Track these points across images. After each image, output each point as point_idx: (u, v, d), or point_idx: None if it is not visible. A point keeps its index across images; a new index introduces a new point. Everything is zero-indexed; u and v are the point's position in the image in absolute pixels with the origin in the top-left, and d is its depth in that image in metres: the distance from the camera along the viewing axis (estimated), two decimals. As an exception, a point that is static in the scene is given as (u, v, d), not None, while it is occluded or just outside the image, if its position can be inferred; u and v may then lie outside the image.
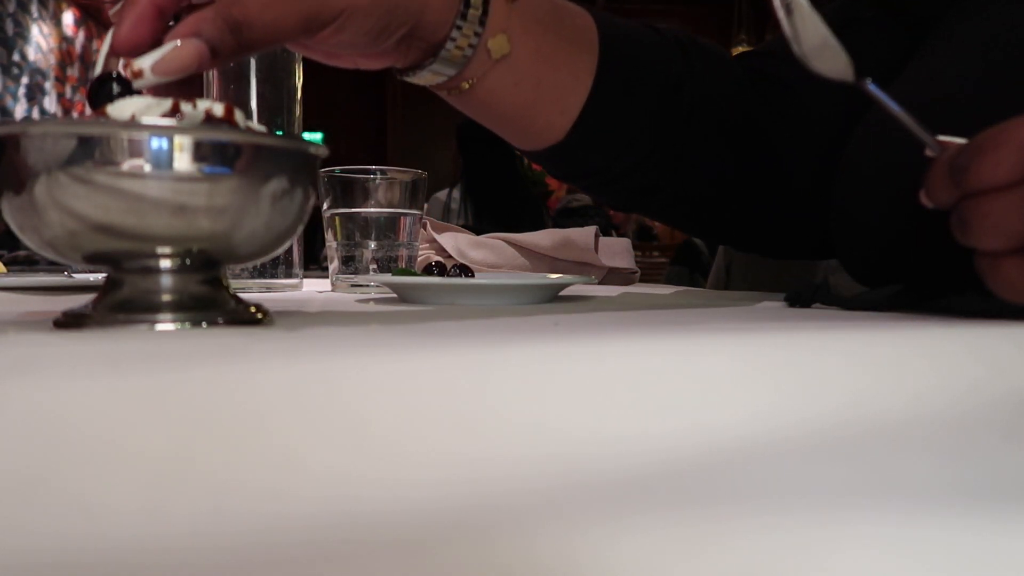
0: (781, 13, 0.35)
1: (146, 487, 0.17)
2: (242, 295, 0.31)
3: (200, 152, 0.26)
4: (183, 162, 0.26)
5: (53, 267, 0.87)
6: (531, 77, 0.46)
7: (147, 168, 0.25)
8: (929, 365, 0.25)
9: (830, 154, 0.52)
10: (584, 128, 0.49)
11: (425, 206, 0.67)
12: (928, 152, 0.33)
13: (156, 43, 0.32)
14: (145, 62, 0.30)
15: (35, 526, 0.16)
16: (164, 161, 0.25)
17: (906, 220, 0.42)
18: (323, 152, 0.30)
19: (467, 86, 0.45)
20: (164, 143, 0.25)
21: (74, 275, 0.63)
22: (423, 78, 0.45)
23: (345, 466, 0.19)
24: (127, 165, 0.25)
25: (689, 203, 0.57)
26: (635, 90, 0.50)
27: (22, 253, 1.19)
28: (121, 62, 0.31)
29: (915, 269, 0.42)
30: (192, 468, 0.18)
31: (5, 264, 0.91)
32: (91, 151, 0.25)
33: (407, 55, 0.44)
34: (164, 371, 0.19)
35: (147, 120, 0.26)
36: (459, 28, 0.42)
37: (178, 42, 0.31)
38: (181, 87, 0.32)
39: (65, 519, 0.16)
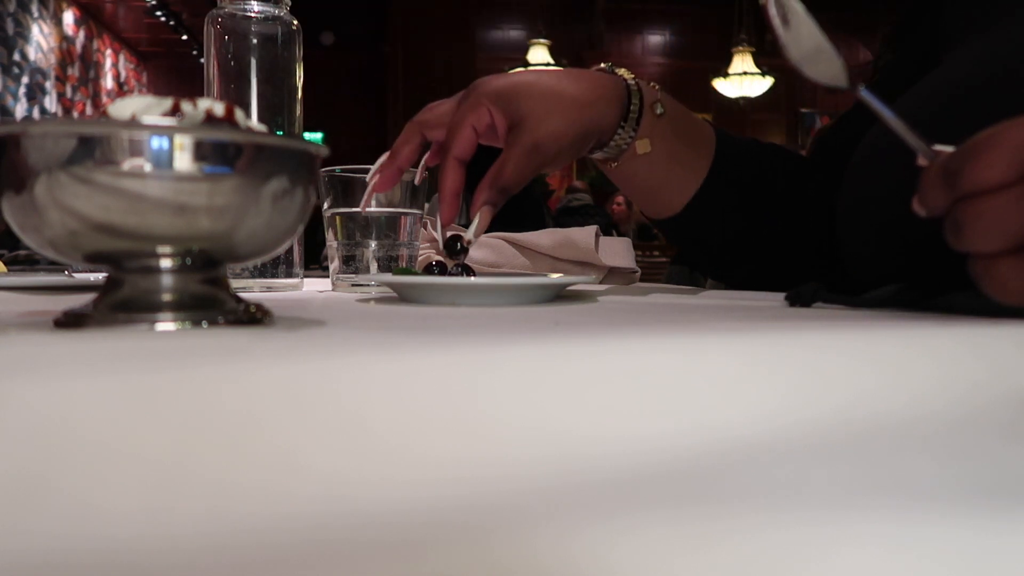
0: (776, 21, 0.36)
1: (146, 487, 0.17)
2: (243, 295, 0.31)
3: (201, 152, 0.26)
4: (184, 162, 0.26)
5: (54, 267, 0.87)
6: (662, 168, 0.63)
7: (148, 168, 0.25)
8: (930, 365, 0.25)
9: None
10: (693, 208, 0.65)
11: (426, 206, 0.67)
12: (921, 160, 0.33)
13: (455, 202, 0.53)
14: (469, 233, 0.50)
15: (35, 526, 0.16)
16: (165, 161, 0.25)
17: (910, 236, 0.43)
18: (323, 152, 0.30)
19: (615, 165, 0.63)
20: (165, 142, 0.25)
21: (75, 275, 0.63)
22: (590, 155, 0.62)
23: (345, 466, 0.19)
24: (128, 164, 0.25)
25: (763, 270, 0.70)
26: (734, 185, 0.66)
27: (23, 252, 1.19)
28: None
29: (920, 280, 0.43)
30: (192, 468, 0.18)
31: (6, 263, 0.91)
32: (92, 151, 0.25)
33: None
34: (164, 371, 0.19)
35: (147, 119, 0.26)
36: (619, 132, 0.60)
37: (481, 212, 0.51)
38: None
39: (65, 519, 0.16)
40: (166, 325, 0.27)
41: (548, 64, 5.17)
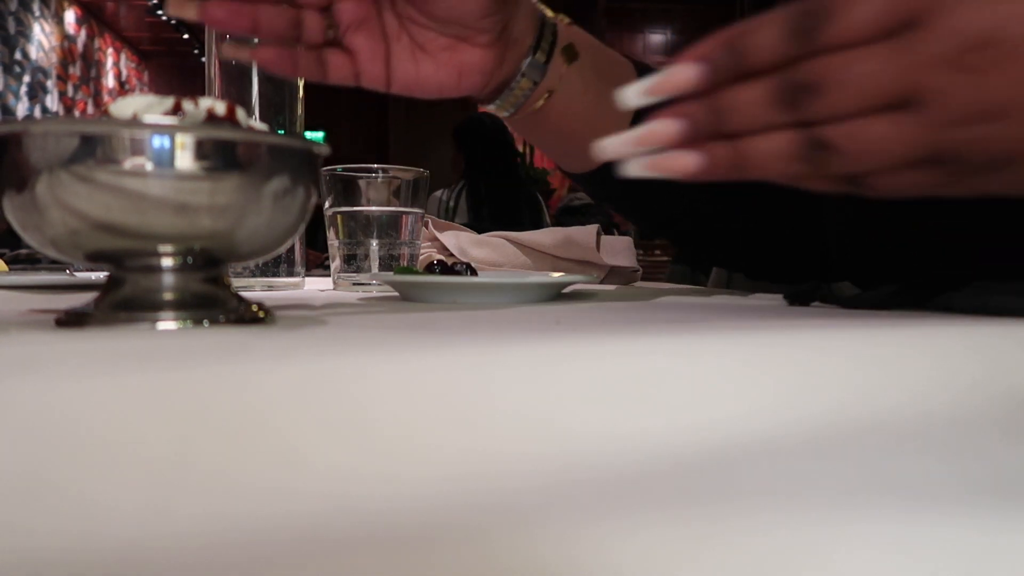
0: None
1: (148, 486, 0.17)
2: (244, 294, 0.31)
3: (202, 150, 0.26)
4: (185, 160, 0.26)
5: (55, 265, 0.87)
6: (594, 91, 0.52)
7: (149, 166, 0.25)
8: (929, 363, 0.25)
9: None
10: None
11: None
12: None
13: None
14: None
15: (37, 525, 0.16)
16: (166, 159, 0.25)
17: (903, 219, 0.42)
18: (325, 151, 0.30)
19: (541, 102, 0.51)
20: (166, 141, 0.25)
21: (76, 273, 0.63)
22: (505, 99, 0.51)
23: (347, 464, 0.19)
24: (129, 163, 0.25)
25: (710, 222, 0.61)
26: None
27: (24, 251, 1.19)
28: None
29: (914, 266, 0.42)
30: (194, 467, 0.18)
31: (7, 262, 0.91)
32: (93, 149, 0.25)
33: (494, 72, 0.50)
34: (166, 370, 0.19)
35: (149, 118, 0.26)
36: (537, 42, 0.50)
37: None
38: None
39: (67, 518, 0.16)
40: (167, 324, 0.27)
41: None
